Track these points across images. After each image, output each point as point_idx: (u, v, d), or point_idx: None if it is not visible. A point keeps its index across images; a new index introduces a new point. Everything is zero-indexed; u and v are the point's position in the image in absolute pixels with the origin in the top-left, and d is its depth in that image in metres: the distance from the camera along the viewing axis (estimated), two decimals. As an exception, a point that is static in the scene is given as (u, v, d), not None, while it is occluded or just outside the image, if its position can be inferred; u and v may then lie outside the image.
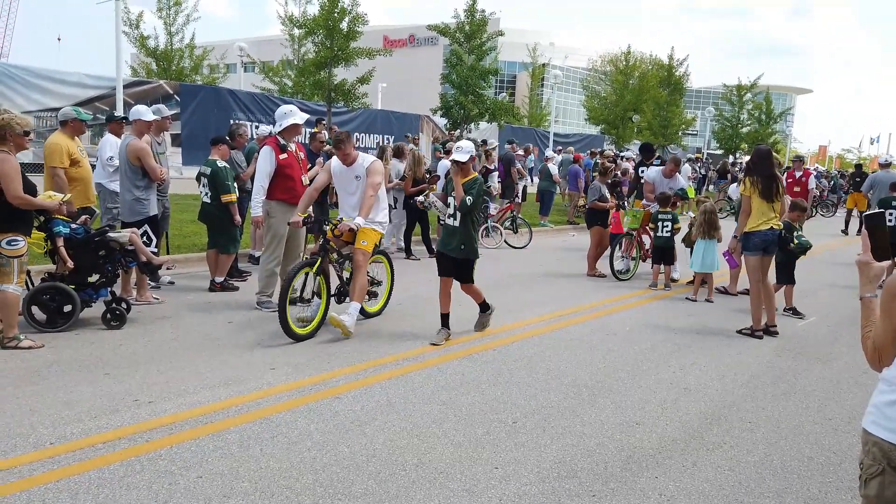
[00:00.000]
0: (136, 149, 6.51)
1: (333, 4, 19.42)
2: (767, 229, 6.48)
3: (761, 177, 6.49)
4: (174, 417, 3.97)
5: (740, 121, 42.41)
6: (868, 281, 2.14)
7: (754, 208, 6.52)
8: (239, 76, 27.31)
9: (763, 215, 6.49)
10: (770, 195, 6.48)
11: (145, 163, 6.53)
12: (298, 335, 5.64)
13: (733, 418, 4.42)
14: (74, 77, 19.03)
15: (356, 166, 6.22)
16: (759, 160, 6.66)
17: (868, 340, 2.08)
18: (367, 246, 6.09)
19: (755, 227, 6.50)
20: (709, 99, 60.99)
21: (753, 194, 6.50)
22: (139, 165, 6.53)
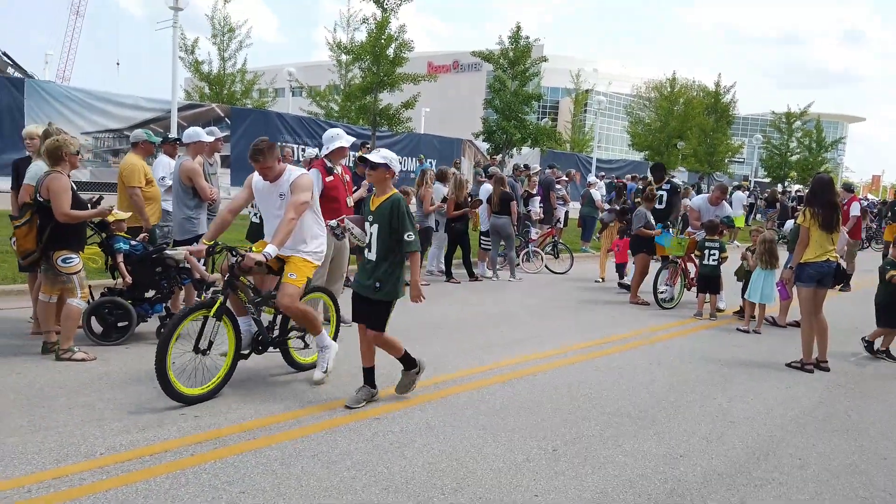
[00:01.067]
0: (188, 168, 6.74)
1: (381, 31, 19.84)
2: (823, 261, 6.29)
3: (822, 207, 6.31)
4: (218, 432, 4.04)
5: (789, 149, 41.53)
6: None
7: (812, 239, 6.33)
8: (287, 100, 28.01)
9: (820, 247, 6.30)
10: (830, 226, 6.29)
11: (196, 182, 6.74)
12: (186, 396, 4.42)
13: (782, 454, 4.28)
14: (131, 100, 19.84)
15: (281, 182, 5.06)
16: (820, 189, 6.47)
17: None
18: (297, 280, 4.95)
19: (811, 258, 6.32)
20: (757, 126, 59.96)
21: (813, 225, 6.32)
22: (190, 185, 6.74)
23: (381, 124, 21.51)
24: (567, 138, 43.93)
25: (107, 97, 19.45)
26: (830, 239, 6.32)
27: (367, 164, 4.63)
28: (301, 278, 5.00)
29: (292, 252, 5.08)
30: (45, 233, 5.26)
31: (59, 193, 5.14)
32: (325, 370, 5.14)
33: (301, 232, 5.11)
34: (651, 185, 10.61)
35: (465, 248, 10.79)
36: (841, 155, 51.54)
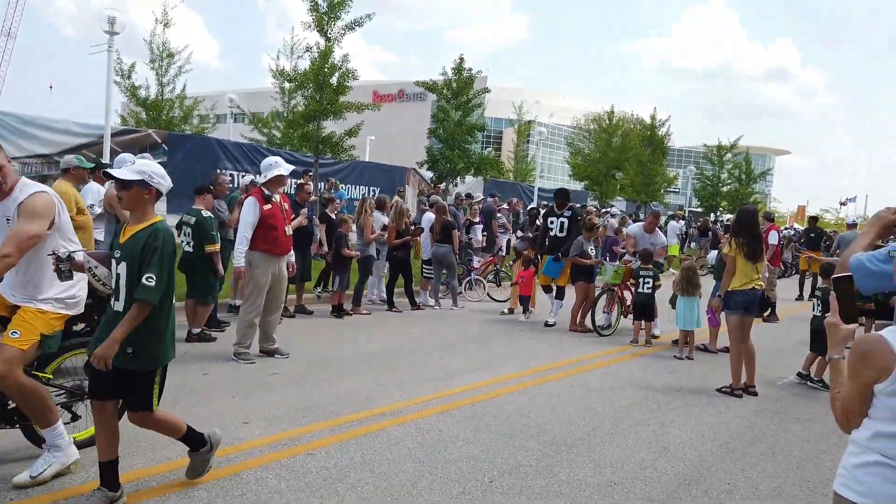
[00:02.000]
0: (109, 196, 6.56)
1: (324, 60, 19.82)
2: (749, 289, 6.54)
3: (747, 238, 6.58)
4: (140, 473, 3.85)
5: (721, 180, 43.27)
6: (836, 343, 2.16)
7: (738, 268, 6.58)
8: (229, 127, 27.60)
9: (746, 276, 6.56)
10: (755, 256, 6.56)
11: (117, 211, 6.56)
12: None
13: (712, 479, 4.37)
14: (63, 124, 19.13)
15: (9, 202, 3.71)
16: (745, 220, 6.76)
17: (836, 402, 2.10)
18: (20, 341, 3.60)
19: (738, 286, 6.56)
20: (690, 158, 62.38)
21: (738, 255, 6.57)
22: (112, 213, 6.56)
23: (324, 152, 21.37)
24: (510, 168, 44.67)
25: (37, 121, 18.69)
26: (755, 268, 6.58)
27: (112, 179, 3.54)
28: (28, 337, 3.62)
29: (25, 301, 3.75)
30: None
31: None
32: (36, 475, 3.60)
33: (34, 273, 3.75)
34: (590, 215, 10.85)
35: (406, 276, 10.75)
36: (769, 186, 54.10)
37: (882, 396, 1.98)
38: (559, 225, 9.83)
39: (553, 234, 9.85)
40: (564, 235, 9.75)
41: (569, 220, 9.82)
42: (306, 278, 9.94)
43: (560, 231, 9.79)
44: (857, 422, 2.06)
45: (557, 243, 9.76)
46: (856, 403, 2.03)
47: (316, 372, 6.39)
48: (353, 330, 8.75)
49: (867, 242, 2.50)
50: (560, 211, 9.95)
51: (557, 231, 9.81)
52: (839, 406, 2.08)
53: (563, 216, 9.83)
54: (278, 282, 6.88)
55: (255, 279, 6.70)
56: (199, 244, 7.30)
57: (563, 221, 9.82)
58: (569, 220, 9.82)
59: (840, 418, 2.09)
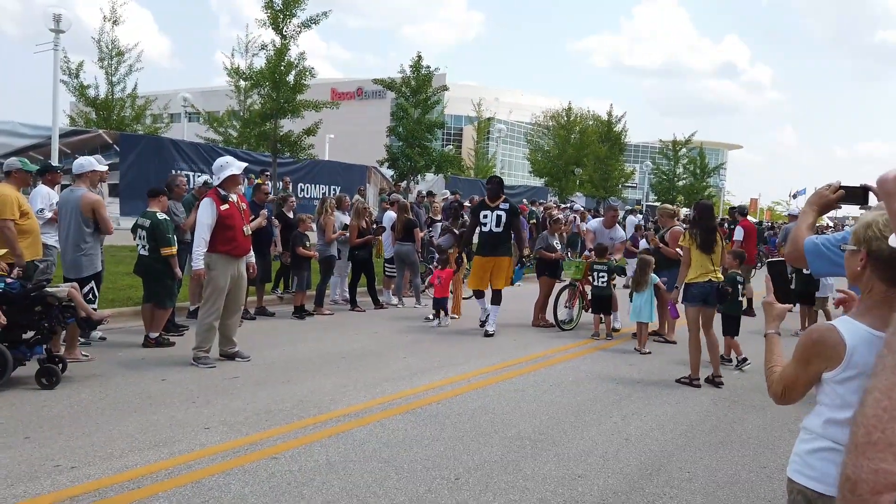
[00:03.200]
0: (92, 201, 6.39)
1: (280, 58, 19.57)
2: (706, 281, 6.70)
3: (701, 230, 6.76)
4: (98, 483, 3.75)
5: (676, 174, 44.21)
6: (772, 320, 2.34)
7: (693, 260, 6.75)
8: (183, 126, 27.01)
9: (702, 267, 6.72)
10: (708, 247, 6.72)
11: (100, 215, 6.40)
12: None
13: (672, 468, 4.47)
14: (8, 125, 18.49)
15: None
16: (701, 214, 6.98)
17: (773, 375, 2.20)
18: None
19: (694, 278, 6.73)
20: (647, 153, 63.52)
21: (692, 246, 6.76)
22: (92, 218, 6.38)
23: (282, 151, 21.12)
24: (470, 165, 44.81)
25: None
26: (710, 259, 6.74)
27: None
28: None
29: None
30: None
31: None
32: None
33: None
34: (549, 211, 10.90)
35: (369, 275, 10.70)
36: (723, 180, 55.45)
37: (832, 384, 2.04)
38: (495, 219, 8.66)
39: (487, 229, 8.70)
40: (501, 231, 8.67)
41: (507, 214, 8.68)
42: (266, 279, 9.82)
43: (496, 226, 8.66)
44: (794, 399, 2.17)
45: (493, 240, 8.71)
46: (799, 386, 2.13)
47: (278, 374, 6.31)
48: (316, 331, 8.67)
49: (810, 222, 2.57)
50: (494, 203, 8.75)
51: (493, 225, 8.66)
52: (777, 380, 2.17)
53: (499, 209, 8.66)
54: (237, 284, 6.77)
55: (214, 281, 6.58)
56: (154, 247, 7.13)
57: (499, 215, 8.66)
58: (507, 213, 8.68)
59: (776, 391, 2.18)
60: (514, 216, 8.83)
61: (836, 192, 2.55)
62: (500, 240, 8.72)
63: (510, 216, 8.74)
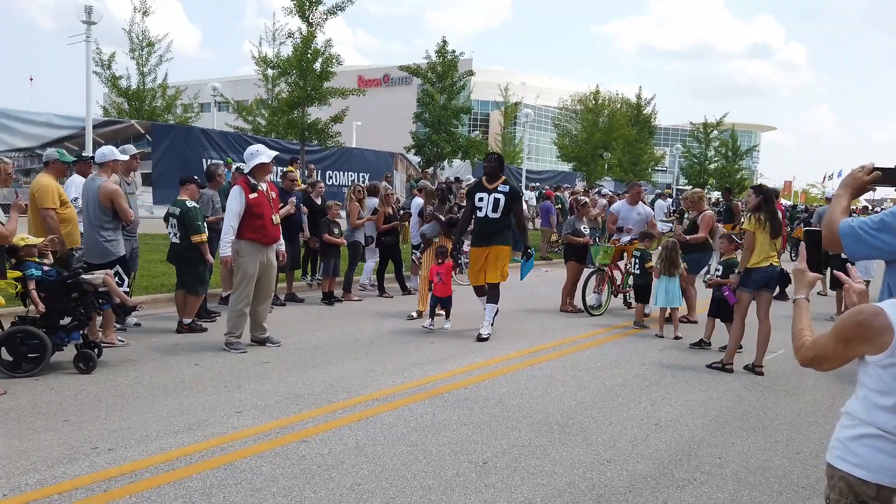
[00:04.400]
0: (110, 191, 6.48)
1: (307, 46, 19.63)
2: (768, 266, 6.50)
3: (768, 213, 6.52)
4: (134, 465, 3.85)
5: (707, 157, 43.41)
6: (803, 287, 2.37)
7: (759, 245, 6.51)
8: (212, 115, 27.30)
9: (764, 252, 6.50)
10: (777, 232, 6.52)
11: (117, 204, 6.50)
12: None
13: (703, 454, 4.42)
14: (44, 117, 18.90)
15: None
16: (766, 198, 6.66)
17: (802, 339, 2.20)
18: None
19: (757, 263, 6.50)
20: (677, 137, 62.49)
21: (759, 230, 6.48)
22: (110, 207, 6.48)
23: (310, 139, 21.25)
24: (497, 150, 44.57)
25: (17, 115, 18.49)
26: (774, 245, 6.56)
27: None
28: None
29: None
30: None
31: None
32: None
33: None
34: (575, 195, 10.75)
35: (396, 262, 10.74)
36: (755, 162, 54.30)
37: (877, 367, 2.00)
38: (492, 203, 7.45)
39: (483, 214, 7.51)
40: (499, 217, 7.48)
41: (506, 197, 7.48)
42: (296, 266, 9.92)
43: (493, 210, 7.46)
44: (823, 369, 2.19)
45: (489, 228, 7.53)
46: (834, 360, 2.14)
47: (308, 359, 6.39)
48: (345, 317, 8.75)
49: (845, 205, 2.51)
50: (492, 185, 7.54)
51: (489, 210, 7.46)
52: (809, 346, 2.16)
53: (497, 191, 7.47)
54: (267, 271, 6.85)
55: (244, 269, 6.66)
56: (185, 235, 7.25)
57: (497, 198, 7.44)
58: (506, 196, 7.48)
59: (806, 356, 2.17)
60: (514, 200, 7.62)
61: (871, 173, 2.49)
62: (498, 227, 7.52)
63: (510, 200, 7.51)
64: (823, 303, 10.51)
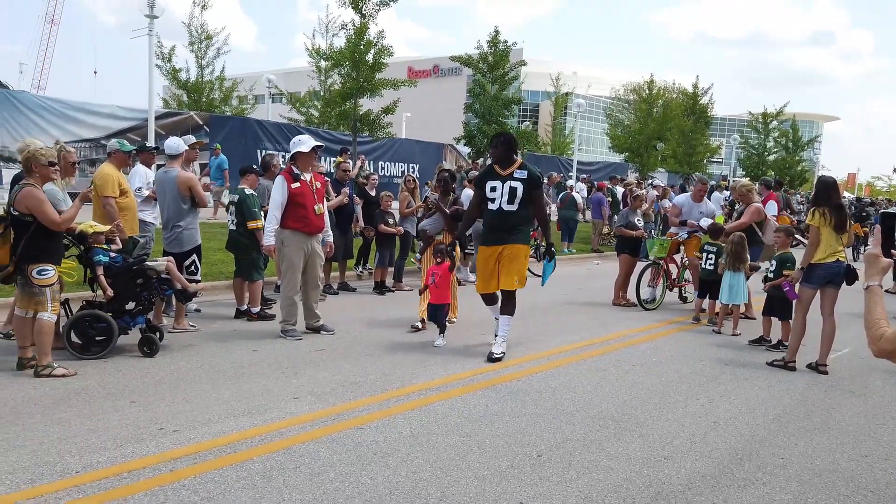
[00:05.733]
0: (187, 178, 6.72)
1: (360, 37, 19.79)
2: (833, 262, 6.26)
3: (831, 207, 6.29)
4: (198, 447, 3.97)
5: (766, 148, 42.05)
6: (876, 272, 2.35)
7: (824, 240, 6.28)
8: (267, 107, 27.84)
9: (830, 247, 6.27)
10: (842, 227, 6.28)
11: (195, 192, 6.74)
12: None
13: (765, 454, 4.30)
14: (108, 109, 19.60)
15: None
16: (825, 191, 6.46)
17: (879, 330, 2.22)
18: None
19: (822, 259, 6.28)
20: (734, 127, 60.69)
21: (824, 225, 6.26)
22: (188, 195, 6.73)
23: (361, 130, 21.45)
24: (547, 141, 44.11)
25: (83, 107, 19.21)
26: (840, 239, 6.31)
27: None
28: None
29: None
30: (19, 246, 5.16)
31: (36, 206, 5.04)
32: None
33: None
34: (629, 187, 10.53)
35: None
36: (817, 153, 52.26)
37: None
38: (507, 192, 6.18)
39: (496, 206, 6.25)
40: (515, 209, 6.22)
41: (524, 185, 6.20)
42: (349, 255, 10.05)
43: (509, 202, 6.20)
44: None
45: (504, 223, 6.26)
46: None
47: (361, 348, 6.47)
48: (396, 306, 8.82)
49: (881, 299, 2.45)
50: (506, 170, 6.26)
51: (504, 202, 6.20)
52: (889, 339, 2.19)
53: (513, 178, 6.20)
54: (312, 259, 6.85)
55: (288, 258, 6.79)
56: (242, 222, 7.41)
57: (513, 187, 6.17)
58: (524, 184, 6.20)
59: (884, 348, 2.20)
60: (534, 188, 6.27)
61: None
62: (515, 222, 6.26)
63: (529, 188, 6.21)
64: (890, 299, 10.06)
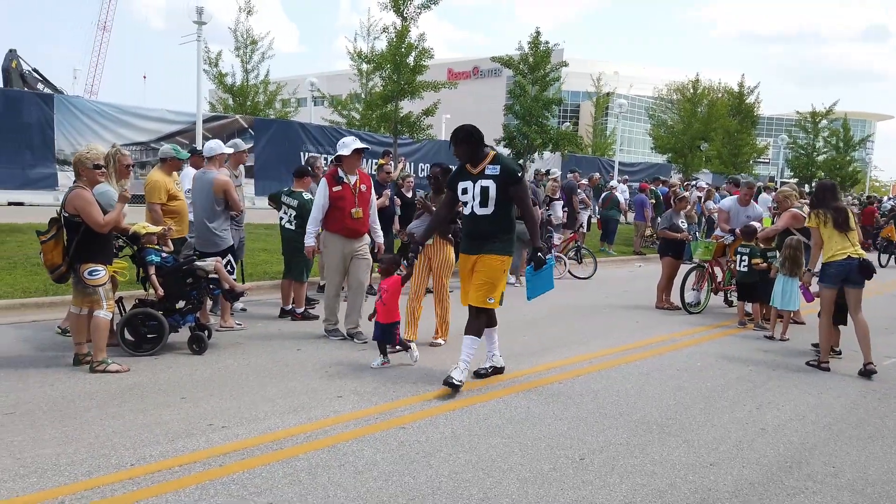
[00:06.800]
0: (223, 182, 6.84)
1: (401, 40, 19.94)
2: (844, 259, 6.28)
3: (829, 209, 6.47)
4: (246, 443, 4.07)
5: (816, 148, 40.86)
6: None
7: (827, 239, 6.42)
8: (309, 110, 28.27)
9: (838, 244, 6.36)
10: (844, 225, 6.39)
11: (229, 195, 6.85)
12: None
13: (815, 462, 4.20)
14: (157, 113, 20.18)
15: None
16: (822, 194, 6.69)
17: None
18: None
19: (831, 257, 6.38)
20: (781, 127, 59.13)
21: (822, 226, 6.44)
22: (223, 198, 6.83)
23: (402, 132, 21.60)
24: (588, 142, 43.70)
25: (134, 111, 19.82)
26: (847, 237, 6.36)
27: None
28: None
29: None
30: (71, 247, 5.35)
31: (83, 208, 5.23)
32: None
33: None
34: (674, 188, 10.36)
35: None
36: (870, 153, 50.53)
37: None
38: (479, 193, 5.22)
39: (469, 211, 5.32)
40: (490, 212, 5.22)
41: (498, 183, 5.19)
42: (389, 257, 10.13)
43: (482, 205, 5.22)
44: None
45: (478, 229, 5.31)
46: None
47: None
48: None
49: None
50: (477, 168, 5.29)
51: (476, 205, 5.24)
52: None
53: (484, 176, 5.23)
54: (354, 262, 6.83)
55: (326, 260, 6.91)
56: (300, 224, 7.46)
57: (485, 187, 5.20)
58: (497, 181, 5.20)
59: None
60: (513, 183, 5.22)
61: None
62: (489, 229, 5.27)
63: (504, 184, 5.20)
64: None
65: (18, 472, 3.57)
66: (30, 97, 19.17)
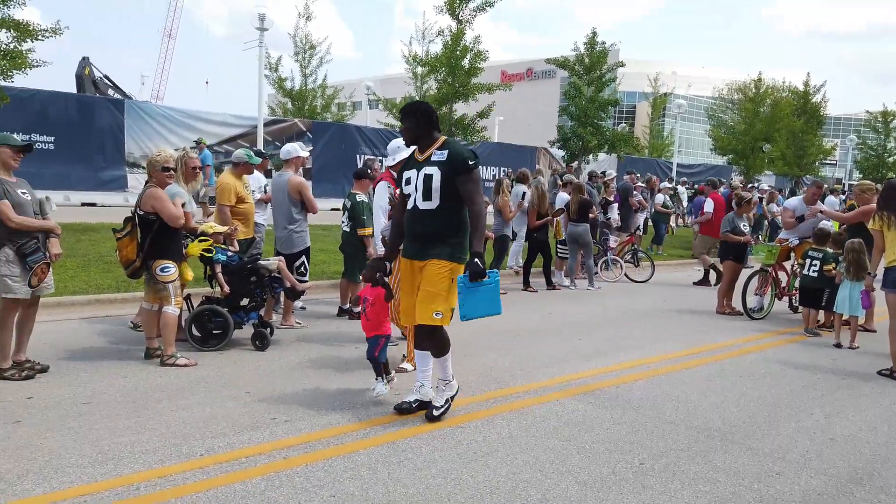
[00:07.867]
0: (299, 183, 7.08)
1: (456, 43, 20.03)
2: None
3: (893, 211, 6.27)
4: (308, 437, 4.18)
5: (887, 149, 39.05)
6: None
7: (889, 242, 6.22)
8: (365, 113, 28.74)
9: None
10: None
11: (306, 196, 7.08)
12: None
13: (889, 475, 4.03)
14: (220, 117, 20.85)
15: None
16: (891, 194, 6.43)
17: None
18: None
19: (893, 261, 6.18)
20: (849, 127, 56.76)
21: (886, 229, 6.25)
22: (299, 199, 7.07)
23: (456, 134, 21.69)
24: (645, 143, 42.89)
25: (198, 115, 20.54)
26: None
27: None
28: None
29: None
30: (144, 243, 5.62)
31: (159, 203, 5.48)
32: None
33: None
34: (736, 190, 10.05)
35: (546, 256, 10.74)
36: (946, 154, 47.85)
37: None
38: (421, 183, 4.42)
39: (412, 204, 4.49)
40: (434, 207, 4.40)
41: (442, 171, 4.38)
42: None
43: (424, 197, 4.41)
44: None
45: (420, 227, 4.48)
46: None
47: (458, 348, 6.49)
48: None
49: None
50: (423, 154, 4.55)
51: (419, 198, 4.43)
52: None
53: (429, 163, 4.45)
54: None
55: None
56: (355, 226, 7.62)
57: (427, 174, 4.40)
58: (442, 168, 4.39)
59: None
60: (459, 173, 4.39)
61: None
62: (433, 227, 4.45)
63: (451, 172, 4.38)
64: None
65: (97, 458, 3.76)
66: (102, 102, 20.09)
